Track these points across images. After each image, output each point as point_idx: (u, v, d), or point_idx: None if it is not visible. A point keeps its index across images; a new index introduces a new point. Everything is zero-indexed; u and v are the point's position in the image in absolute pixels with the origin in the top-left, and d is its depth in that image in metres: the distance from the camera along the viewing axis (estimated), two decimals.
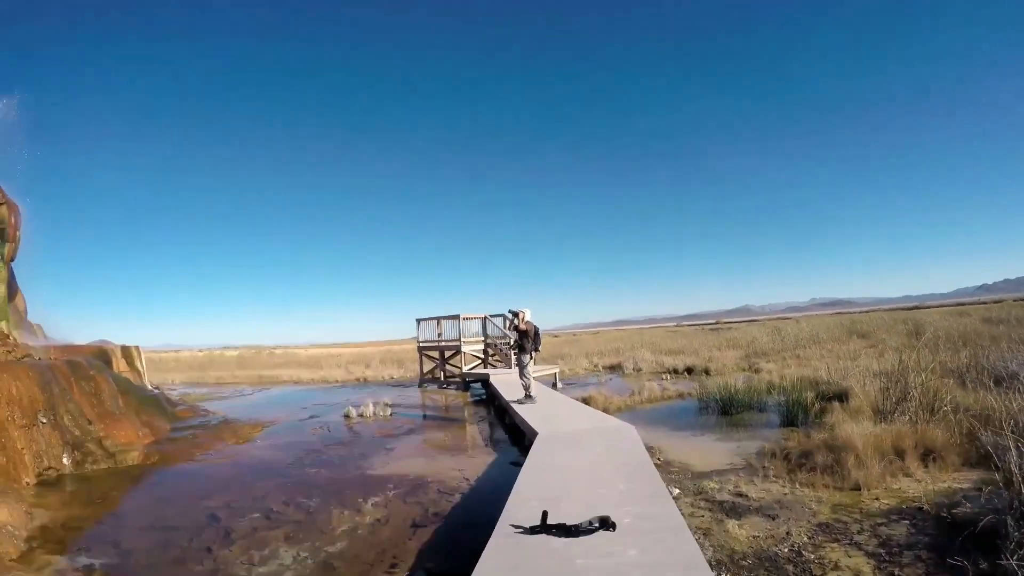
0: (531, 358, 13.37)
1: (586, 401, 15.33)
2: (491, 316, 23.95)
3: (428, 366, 24.91)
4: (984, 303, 71.47)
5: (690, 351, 31.71)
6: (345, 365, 39.00)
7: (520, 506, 5.76)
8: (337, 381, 31.85)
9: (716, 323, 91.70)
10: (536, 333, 13.27)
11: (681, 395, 16.95)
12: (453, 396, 21.07)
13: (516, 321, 13.36)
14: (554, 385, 21.67)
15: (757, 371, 20.65)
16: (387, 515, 7.52)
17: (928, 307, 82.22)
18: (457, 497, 8.19)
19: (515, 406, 12.76)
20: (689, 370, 24.74)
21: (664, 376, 23.48)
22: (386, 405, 17.26)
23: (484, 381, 20.54)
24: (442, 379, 23.93)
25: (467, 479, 9.09)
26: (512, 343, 14.00)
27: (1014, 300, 66.01)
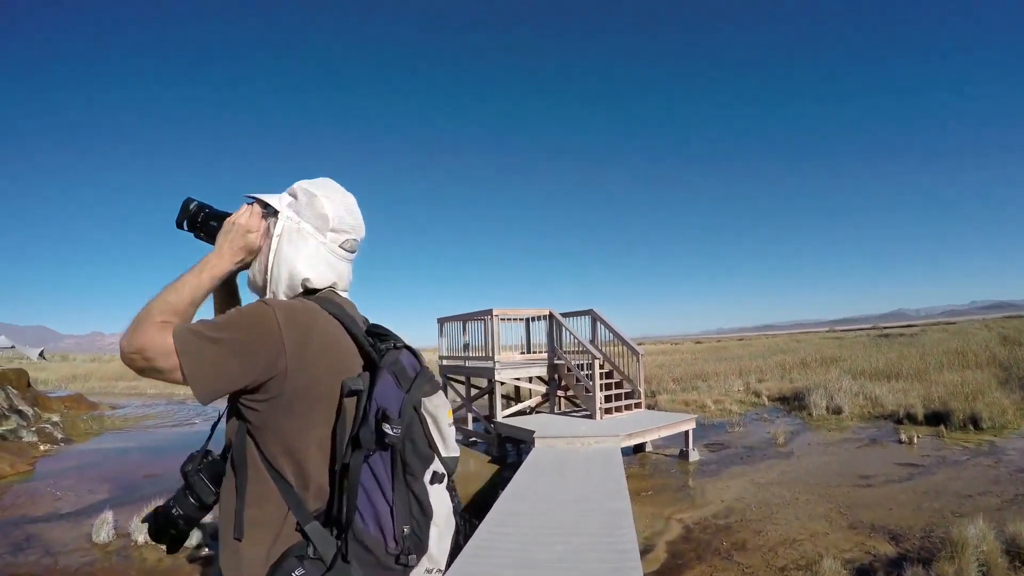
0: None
1: None
2: (564, 314, 13.06)
3: (457, 398, 14.25)
4: None
5: (908, 372, 19.26)
6: None
7: None
8: None
9: (873, 328, 74.28)
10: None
11: None
12: (473, 468, 10.45)
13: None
14: (684, 454, 10.66)
15: None
16: None
17: None
18: None
19: None
20: (941, 417, 13.08)
21: (902, 433, 11.98)
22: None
23: (527, 442, 9.95)
24: (468, 426, 13.27)
25: None
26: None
27: None
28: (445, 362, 14.17)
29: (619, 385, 12.17)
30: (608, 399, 11.53)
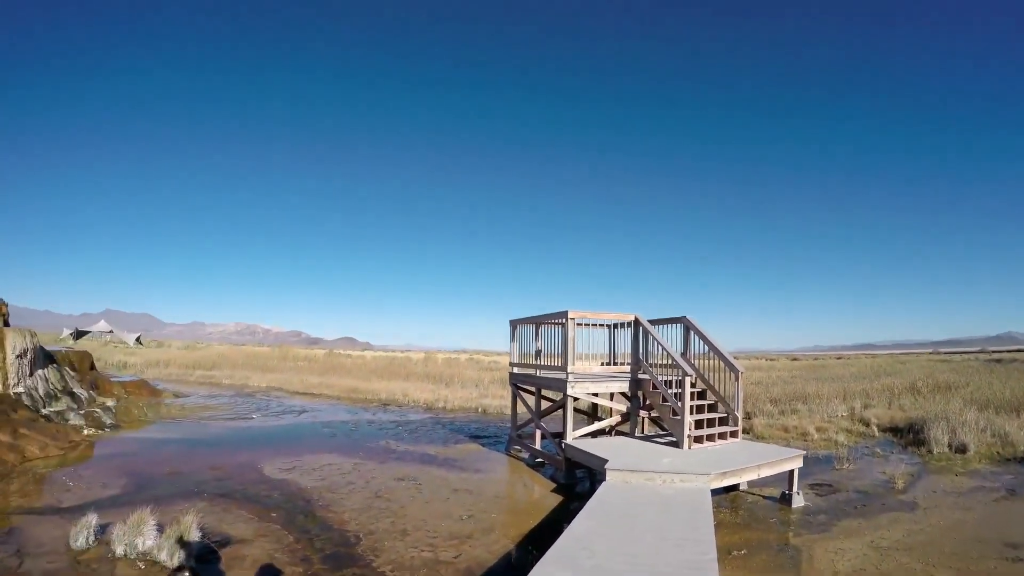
0: None
1: None
2: (653, 321, 11.50)
3: (527, 411, 12.89)
4: None
5: None
6: (488, 384, 27.81)
7: None
8: (441, 408, 21.16)
9: (982, 351, 68.08)
10: None
11: None
12: (536, 496, 9.18)
13: None
14: (787, 497, 9.08)
15: None
16: None
17: None
18: None
19: None
20: None
21: None
22: None
23: (598, 471, 8.50)
24: (536, 444, 11.92)
25: None
26: None
27: None
28: (516, 370, 12.92)
29: (712, 408, 10.58)
30: (699, 424, 9.93)
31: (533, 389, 12.29)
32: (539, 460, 11.49)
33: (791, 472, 8.97)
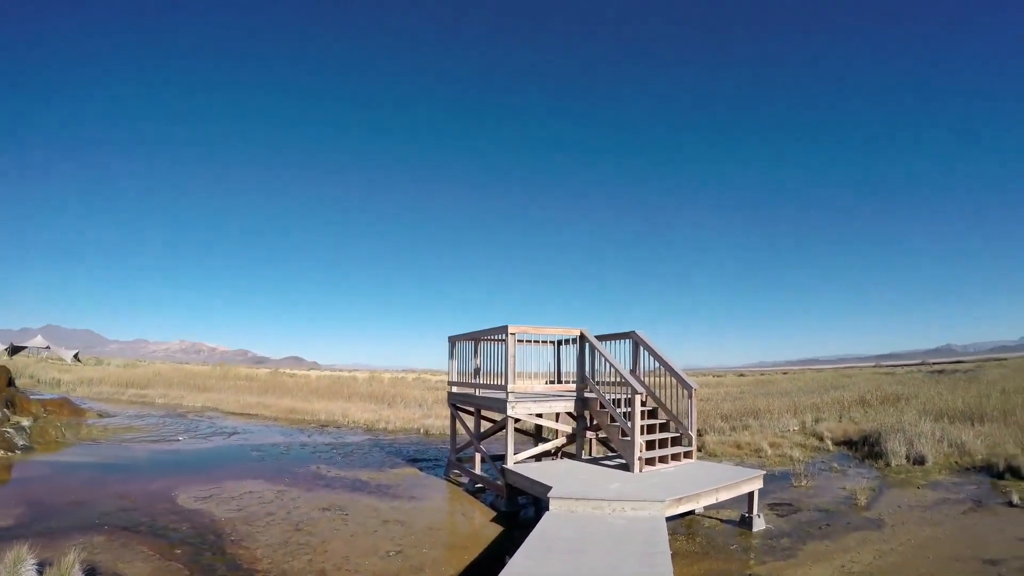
0: None
1: None
2: (600, 337, 10.76)
3: (467, 433, 12.02)
4: None
5: (992, 413, 16.47)
6: (433, 404, 26.75)
7: None
8: (382, 429, 20.00)
9: (923, 363, 69.65)
10: None
11: None
12: (477, 525, 8.33)
13: None
14: (747, 521, 8.37)
15: None
16: None
17: None
18: None
19: None
20: None
21: (1012, 493, 9.71)
22: None
23: (541, 498, 7.63)
24: (477, 468, 11.04)
25: None
26: None
27: None
28: (455, 389, 12.08)
29: (664, 427, 9.88)
30: (650, 445, 9.21)
31: (473, 409, 11.41)
32: (479, 486, 10.55)
33: (750, 494, 8.27)
